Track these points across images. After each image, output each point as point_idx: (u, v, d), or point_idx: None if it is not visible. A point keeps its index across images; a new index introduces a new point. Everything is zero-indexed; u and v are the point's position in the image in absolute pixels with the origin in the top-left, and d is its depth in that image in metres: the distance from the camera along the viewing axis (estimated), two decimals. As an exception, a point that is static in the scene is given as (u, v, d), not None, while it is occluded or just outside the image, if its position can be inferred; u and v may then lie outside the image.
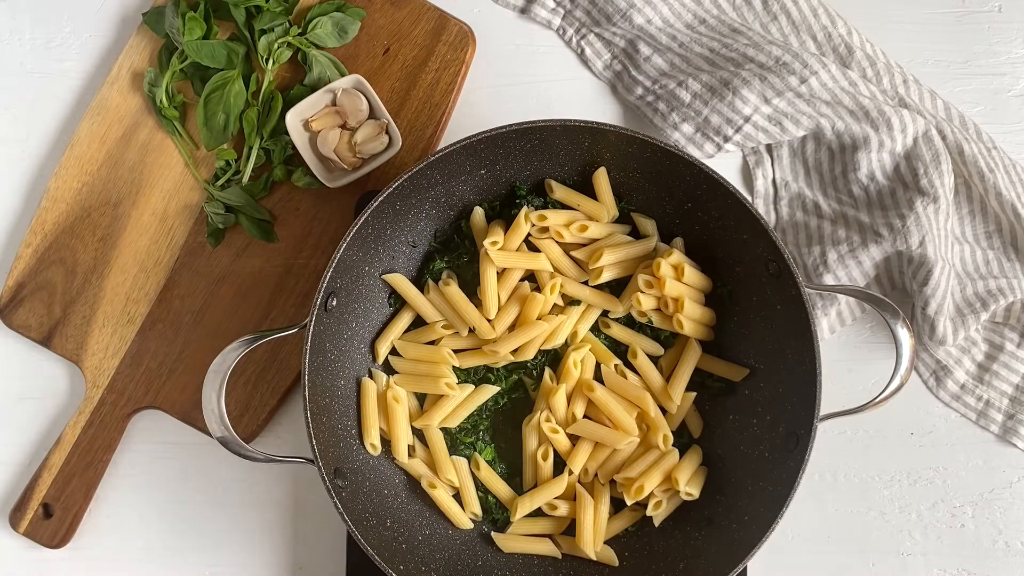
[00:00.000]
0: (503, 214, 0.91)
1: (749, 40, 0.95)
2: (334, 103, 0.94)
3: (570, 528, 0.88)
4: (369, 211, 0.82)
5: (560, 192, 0.89)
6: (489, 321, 0.88)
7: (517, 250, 0.88)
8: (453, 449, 0.89)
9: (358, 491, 0.84)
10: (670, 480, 0.86)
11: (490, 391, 0.90)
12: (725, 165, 0.97)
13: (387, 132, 0.93)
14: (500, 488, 0.89)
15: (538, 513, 0.89)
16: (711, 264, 0.89)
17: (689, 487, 0.86)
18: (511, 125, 0.82)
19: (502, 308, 0.88)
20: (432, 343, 0.89)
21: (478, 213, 0.90)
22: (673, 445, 0.87)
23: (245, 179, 0.93)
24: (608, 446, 0.87)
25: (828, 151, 0.96)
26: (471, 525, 0.88)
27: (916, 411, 0.95)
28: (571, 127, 0.83)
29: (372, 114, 0.94)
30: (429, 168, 0.83)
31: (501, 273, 0.88)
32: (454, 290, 0.88)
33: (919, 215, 0.90)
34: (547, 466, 0.88)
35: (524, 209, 0.88)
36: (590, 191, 0.89)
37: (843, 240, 0.93)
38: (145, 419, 0.95)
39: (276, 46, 0.93)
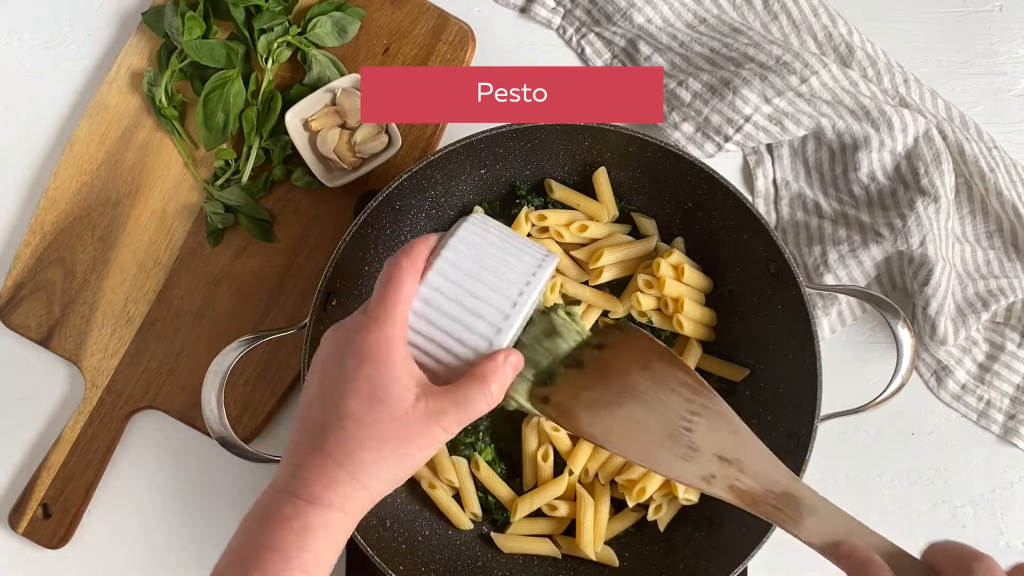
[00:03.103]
0: (503, 214, 0.90)
1: (749, 39, 0.95)
2: (334, 103, 0.93)
3: (570, 528, 0.88)
4: (369, 211, 0.82)
5: (560, 192, 0.89)
6: (489, 321, 0.87)
7: (517, 250, 0.88)
8: (453, 449, 0.89)
9: (358, 491, 0.83)
10: (669, 484, 0.86)
11: (490, 391, 0.89)
12: (725, 165, 0.97)
13: (387, 132, 0.93)
14: (500, 489, 0.88)
15: (538, 513, 0.89)
16: (711, 264, 0.89)
17: (688, 493, 0.86)
18: (511, 125, 0.82)
19: (502, 308, 0.88)
20: (432, 343, 0.89)
21: (478, 213, 0.90)
22: (673, 445, 0.87)
23: (244, 179, 0.93)
24: (608, 446, 0.87)
25: (829, 151, 0.95)
26: (471, 526, 0.88)
27: (917, 411, 0.95)
28: (571, 127, 0.83)
29: (372, 114, 0.94)
30: (429, 168, 0.83)
31: (501, 273, 0.88)
32: (454, 290, 0.88)
33: (920, 215, 0.90)
34: (547, 466, 0.87)
35: (524, 209, 0.87)
36: (590, 191, 0.89)
37: (844, 240, 0.93)
38: (144, 419, 0.95)
39: (276, 45, 0.93)
